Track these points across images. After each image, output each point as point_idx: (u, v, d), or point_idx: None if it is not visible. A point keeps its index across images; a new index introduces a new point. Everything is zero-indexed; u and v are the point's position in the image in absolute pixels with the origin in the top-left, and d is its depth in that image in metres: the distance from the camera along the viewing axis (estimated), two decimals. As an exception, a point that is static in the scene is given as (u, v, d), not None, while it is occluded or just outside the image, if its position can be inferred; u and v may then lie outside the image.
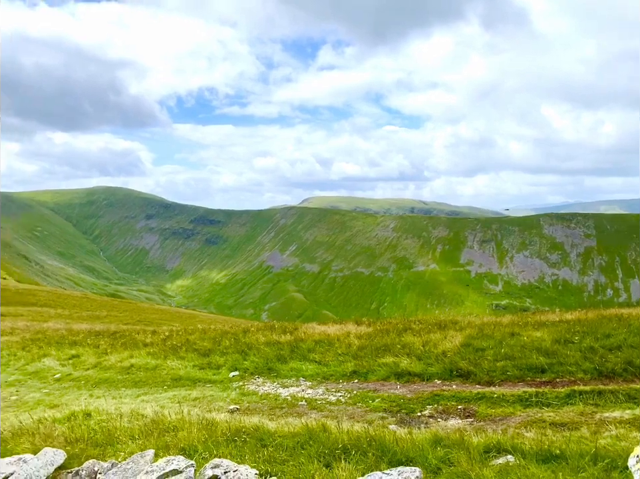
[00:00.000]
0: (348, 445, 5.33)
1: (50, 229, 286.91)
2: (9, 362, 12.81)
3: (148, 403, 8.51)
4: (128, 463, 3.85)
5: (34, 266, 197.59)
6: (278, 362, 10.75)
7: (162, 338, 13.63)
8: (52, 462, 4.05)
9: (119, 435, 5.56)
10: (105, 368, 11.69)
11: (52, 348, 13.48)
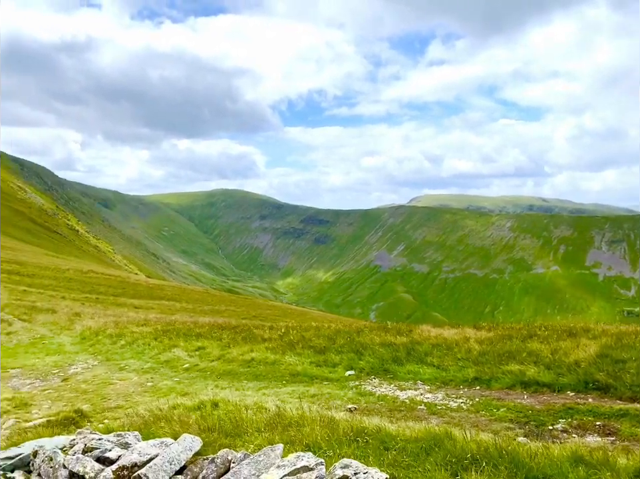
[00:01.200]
0: (477, 455, 5.04)
1: (175, 229, 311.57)
2: (144, 351, 14.04)
3: (269, 397, 8.81)
4: (260, 455, 3.94)
5: (162, 263, 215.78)
6: (394, 363, 10.59)
7: (279, 334, 14.10)
8: (190, 448, 4.29)
9: (246, 426, 5.78)
10: (228, 361, 12.34)
11: (180, 340, 14.54)
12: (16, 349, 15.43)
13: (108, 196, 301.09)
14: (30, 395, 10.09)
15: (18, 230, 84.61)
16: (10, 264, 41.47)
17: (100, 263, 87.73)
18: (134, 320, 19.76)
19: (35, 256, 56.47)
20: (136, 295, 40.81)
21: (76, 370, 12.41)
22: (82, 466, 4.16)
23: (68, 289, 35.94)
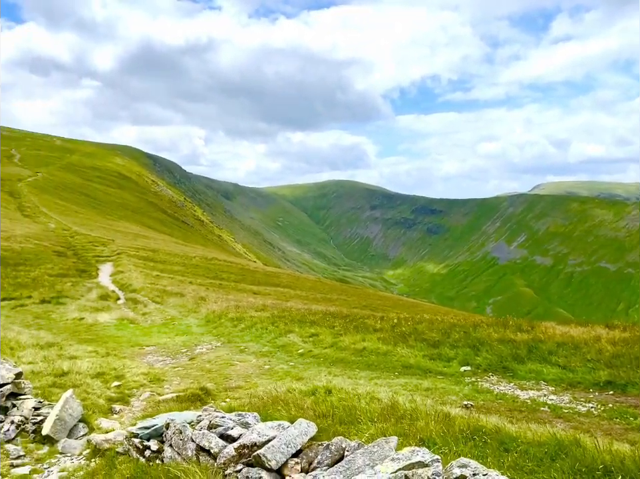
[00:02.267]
0: (611, 467, 4.59)
1: (289, 220, 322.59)
2: (262, 335, 14.77)
3: (381, 387, 8.79)
4: (374, 446, 3.92)
5: (277, 251, 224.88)
6: (514, 361, 10.02)
7: (391, 325, 14.01)
8: (306, 433, 4.39)
9: (359, 415, 5.80)
10: (340, 349, 12.54)
11: (295, 326, 15.06)
12: (150, 328, 17.03)
13: (229, 188, 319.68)
14: (162, 371, 11.07)
15: (152, 220, 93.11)
16: (146, 251, 45.73)
17: (223, 251, 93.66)
18: (253, 305, 20.82)
19: (166, 244, 61.72)
20: (254, 281, 42.97)
21: (202, 350, 13.38)
22: (207, 441, 4.46)
23: (194, 275, 38.81)
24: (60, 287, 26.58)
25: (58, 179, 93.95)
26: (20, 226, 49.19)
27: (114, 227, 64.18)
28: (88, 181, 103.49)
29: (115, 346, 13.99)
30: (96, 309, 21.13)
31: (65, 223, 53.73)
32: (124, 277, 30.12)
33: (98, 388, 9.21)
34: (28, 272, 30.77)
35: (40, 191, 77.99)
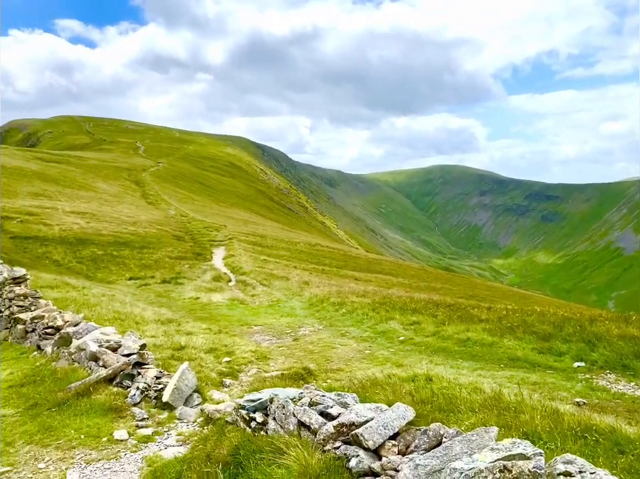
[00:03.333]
0: None
1: (392, 206, 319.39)
2: (363, 320, 14.93)
3: (485, 378, 8.53)
4: (473, 435, 3.86)
5: (379, 239, 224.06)
6: (636, 359, 9.19)
7: (498, 316, 13.47)
8: (403, 416, 4.42)
9: (459, 404, 5.71)
10: (443, 338, 12.32)
11: (396, 313, 15.03)
12: (258, 309, 17.93)
13: (332, 175, 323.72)
14: (268, 350, 11.65)
15: (260, 207, 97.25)
16: (255, 237, 47.96)
17: (326, 238, 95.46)
18: (354, 291, 21.07)
19: (273, 230, 64.19)
20: (356, 267, 43.34)
21: (305, 332, 13.86)
22: (308, 417, 4.65)
23: (298, 260, 40.02)
24: (178, 269, 28.81)
25: (176, 168, 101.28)
26: (145, 212, 53.86)
27: (226, 214, 68.00)
28: (203, 171, 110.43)
29: (226, 324, 14.94)
30: (210, 289, 22.63)
31: (183, 210, 57.89)
32: (234, 260, 31.89)
33: (210, 362, 9.93)
34: (151, 254, 33.70)
35: (161, 180, 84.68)
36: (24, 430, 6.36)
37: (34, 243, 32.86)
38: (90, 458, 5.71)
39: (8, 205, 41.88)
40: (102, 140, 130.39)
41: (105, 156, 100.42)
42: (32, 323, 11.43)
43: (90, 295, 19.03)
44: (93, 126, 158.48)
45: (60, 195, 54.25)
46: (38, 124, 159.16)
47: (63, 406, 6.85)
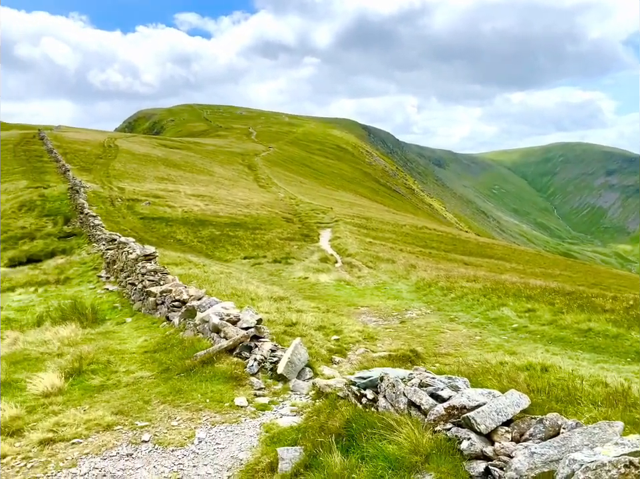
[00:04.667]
0: None
1: (506, 187, 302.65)
2: (473, 306, 14.53)
3: (609, 372, 7.97)
4: (595, 428, 3.69)
5: (492, 221, 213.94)
6: None
7: (625, 307, 12.41)
8: (517, 404, 4.33)
9: (579, 396, 5.44)
10: (560, 327, 11.64)
11: (509, 299, 14.43)
12: (364, 291, 18.15)
13: (442, 156, 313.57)
14: (375, 331, 11.81)
15: (365, 189, 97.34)
16: (360, 219, 48.24)
17: (433, 220, 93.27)
18: (464, 275, 20.50)
19: (378, 212, 64.06)
20: (465, 251, 41.97)
21: (412, 315, 13.82)
22: (418, 397, 4.72)
23: (404, 243, 39.64)
24: (288, 249, 29.94)
25: (286, 152, 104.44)
26: (257, 195, 56.38)
27: (333, 196, 69.03)
28: (310, 154, 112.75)
29: (333, 304, 15.34)
30: (317, 269, 23.29)
31: (292, 193, 59.74)
32: (340, 242, 32.40)
33: (320, 339, 10.32)
34: (263, 235, 35.33)
35: (271, 164, 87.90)
36: (159, 391, 7.13)
37: (160, 224, 35.91)
38: (215, 420, 6.28)
39: (138, 188, 46.08)
40: (218, 126, 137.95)
41: (221, 141, 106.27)
42: (162, 296, 12.60)
43: (209, 272, 20.50)
44: (210, 113, 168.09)
45: (182, 179, 58.48)
46: (162, 113, 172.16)
47: (190, 372, 7.56)
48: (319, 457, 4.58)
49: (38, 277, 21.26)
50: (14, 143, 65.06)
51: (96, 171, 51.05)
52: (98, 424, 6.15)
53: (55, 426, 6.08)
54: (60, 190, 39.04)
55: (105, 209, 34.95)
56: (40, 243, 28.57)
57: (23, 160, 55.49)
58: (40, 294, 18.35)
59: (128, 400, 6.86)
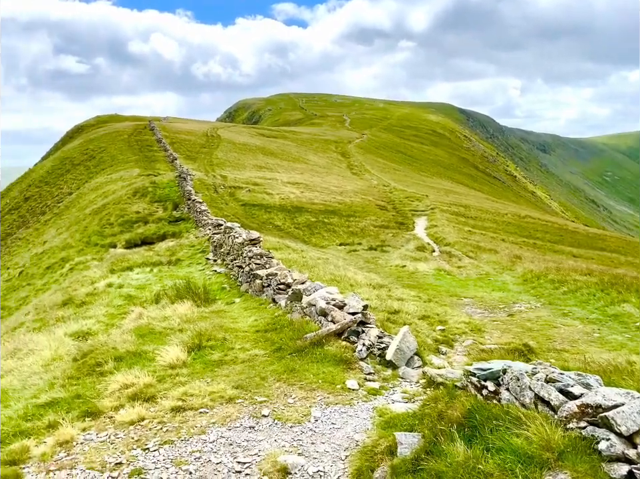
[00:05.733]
0: None
1: (620, 174, 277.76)
2: (589, 301, 13.60)
3: None
4: None
5: (602, 211, 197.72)
6: None
7: None
8: (661, 409, 4.00)
9: None
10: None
11: (631, 296, 13.31)
12: (466, 281, 17.64)
13: (547, 140, 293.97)
14: (482, 323, 11.47)
15: (463, 176, 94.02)
16: (458, 207, 46.77)
17: (536, 209, 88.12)
18: (575, 268, 19.23)
19: (477, 200, 61.66)
20: (573, 243, 39.30)
21: (520, 308, 13.23)
22: (546, 393, 4.53)
23: (506, 232, 37.89)
24: (383, 237, 29.82)
25: (379, 139, 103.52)
26: (350, 183, 56.57)
27: (428, 183, 67.50)
28: (404, 140, 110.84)
29: (435, 294, 15.09)
30: (415, 258, 22.99)
31: (385, 180, 59.23)
32: (437, 230, 31.68)
33: (425, 329, 10.22)
34: (357, 222, 35.46)
35: (364, 151, 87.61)
36: (273, 369, 7.46)
37: (259, 210, 37.25)
38: (329, 400, 6.46)
39: (239, 176, 48.05)
40: (313, 114, 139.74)
41: (315, 129, 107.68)
42: (267, 279, 13.10)
43: (307, 258, 20.98)
44: (305, 101, 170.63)
45: (279, 167, 60.11)
46: (260, 103, 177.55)
47: (302, 353, 7.83)
48: (439, 445, 4.56)
49: (153, 258, 22.93)
50: (128, 134, 70.42)
51: (200, 160, 53.94)
52: (221, 396, 6.58)
53: (183, 396, 6.60)
54: (169, 178, 41.70)
55: (209, 196, 36.88)
56: (153, 227, 30.78)
57: (136, 150, 59.93)
58: (155, 274, 19.80)
59: (246, 375, 7.26)
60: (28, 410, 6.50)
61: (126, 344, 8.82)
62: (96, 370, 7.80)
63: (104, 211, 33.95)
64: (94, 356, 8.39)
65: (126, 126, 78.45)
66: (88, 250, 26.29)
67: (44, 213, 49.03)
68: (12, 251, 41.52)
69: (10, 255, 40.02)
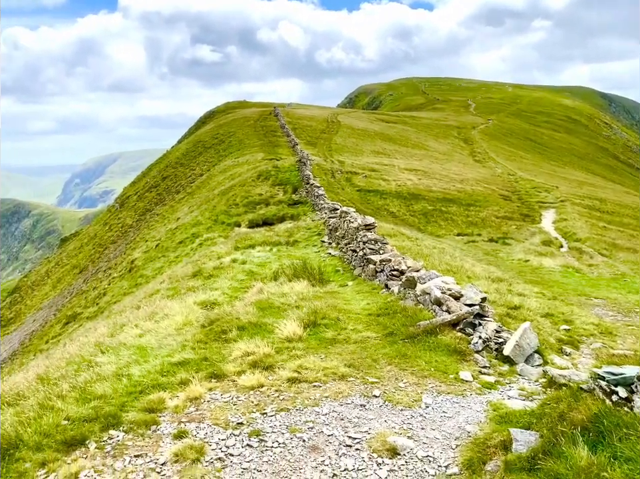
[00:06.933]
0: None
1: None
2: None
3: None
4: None
5: None
6: None
7: None
8: None
9: None
10: None
11: None
12: (597, 281, 16.24)
13: None
14: (613, 326, 10.52)
15: (600, 167, 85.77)
16: (592, 200, 42.90)
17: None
18: None
19: (615, 194, 56.03)
20: None
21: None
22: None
23: (648, 230, 34.03)
24: (505, 229, 28.38)
25: (506, 125, 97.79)
26: (472, 170, 54.34)
27: (558, 174, 62.63)
28: (534, 127, 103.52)
29: (560, 291, 14.10)
30: (540, 253, 21.61)
31: (510, 168, 56.03)
32: (567, 225, 29.43)
33: (547, 327, 9.63)
34: (477, 212, 34.07)
35: (489, 137, 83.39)
36: (385, 353, 7.54)
37: (374, 196, 37.27)
38: (440, 389, 6.40)
39: (356, 162, 48.39)
40: (436, 99, 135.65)
41: (437, 114, 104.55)
42: (381, 265, 13.16)
43: (422, 246, 20.66)
44: (428, 86, 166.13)
45: (397, 153, 59.49)
46: (381, 88, 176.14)
47: (414, 340, 7.81)
48: (558, 446, 4.34)
49: (272, 238, 24.06)
50: (255, 119, 74.00)
51: (320, 146, 55.13)
52: (333, 372, 6.82)
53: (299, 368, 6.94)
54: (290, 162, 43.20)
55: (326, 181, 37.65)
56: (273, 209, 32.21)
57: (261, 135, 62.83)
58: (274, 253, 20.77)
59: (358, 356, 7.43)
60: (164, 366, 7.26)
61: (248, 315, 9.43)
62: (222, 337, 8.46)
63: (230, 192, 36.21)
64: (220, 324, 9.09)
65: (252, 112, 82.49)
66: (215, 228, 28.28)
67: (178, 192, 53.53)
68: (150, 226, 46.00)
69: (149, 229, 44.38)
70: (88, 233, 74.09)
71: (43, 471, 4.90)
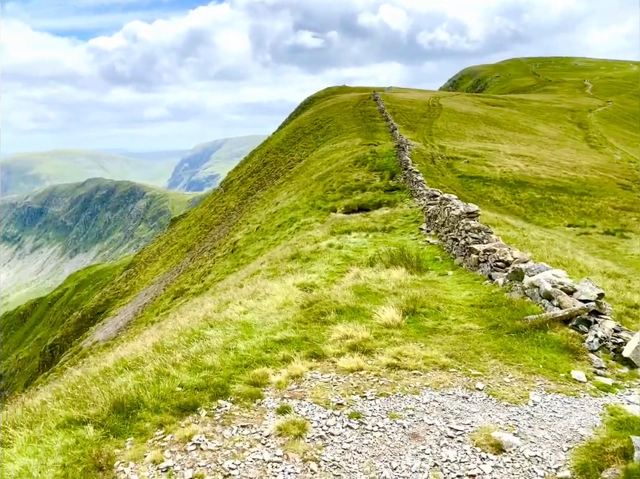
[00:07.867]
0: None
1: None
2: None
3: None
4: None
5: None
6: None
7: None
8: None
9: None
10: None
11: None
12: None
13: None
14: None
15: None
16: None
17: None
18: None
19: None
20: None
21: None
22: None
23: None
24: (624, 221, 26.04)
25: (628, 107, 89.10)
26: (586, 157, 50.27)
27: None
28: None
29: (690, 292, 12.66)
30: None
31: (632, 155, 51.16)
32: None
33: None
34: (591, 202, 31.53)
35: (608, 121, 76.56)
36: (489, 346, 7.25)
37: (477, 183, 35.80)
38: (549, 387, 6.04)
39: (457, 147, 46.69)
40: (547, 80, 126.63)
41: (547, 97, 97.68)
42: (485, 255, 12.62)
43: (529, 237, 19.55)
44: (539, 66, 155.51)
45: (502, 138, 56.55)
46: (487, 70, 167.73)
47: (521, 334, 7.43)
48: (691, 461, 3.93)
49: (368, 224, 24.00)
50: (353, 104, 73.83)
51: (420, 130, 53.83)
52: (434, 362, 6.69)
53: (398, 355, 6.89)
54: (388, 147, 42.66)
55: (426, 167, 36.76)
56: (370, 195, 32.08)
57: (359, 120, 62.60)
58: (370, 239, 20.72)
59: (460, 347, 7.21)
60: (267, 343, 7.55)
61: (346, 299, 9.51)
62: (320, 319, 8.62)
63: (327, 177, 36.60)
64: (319, 306, 9.26)
65: (351, 97, 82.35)
66: (312, 212, 28.79)
67: (277, 177, 55.12)
68: (252, 209, 47.90)
69: (250, 212, 46.25)
70: (195, 215, 78.83)
71: (161, 431, 5.32)
